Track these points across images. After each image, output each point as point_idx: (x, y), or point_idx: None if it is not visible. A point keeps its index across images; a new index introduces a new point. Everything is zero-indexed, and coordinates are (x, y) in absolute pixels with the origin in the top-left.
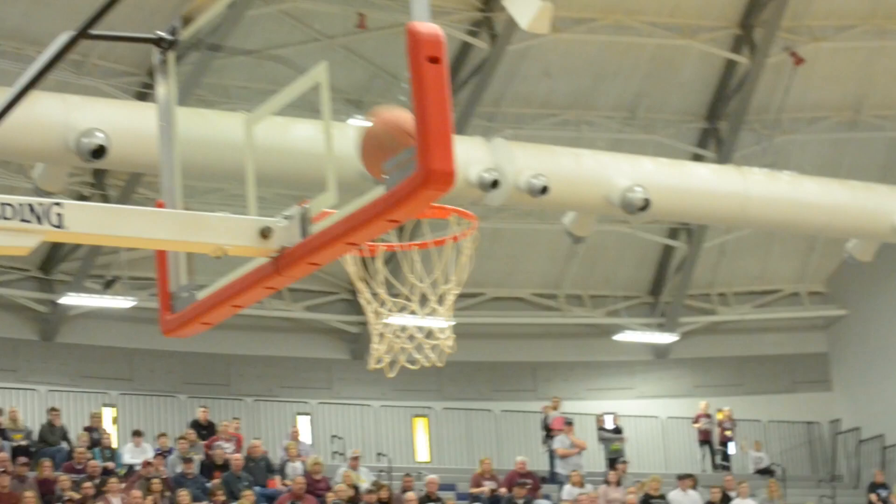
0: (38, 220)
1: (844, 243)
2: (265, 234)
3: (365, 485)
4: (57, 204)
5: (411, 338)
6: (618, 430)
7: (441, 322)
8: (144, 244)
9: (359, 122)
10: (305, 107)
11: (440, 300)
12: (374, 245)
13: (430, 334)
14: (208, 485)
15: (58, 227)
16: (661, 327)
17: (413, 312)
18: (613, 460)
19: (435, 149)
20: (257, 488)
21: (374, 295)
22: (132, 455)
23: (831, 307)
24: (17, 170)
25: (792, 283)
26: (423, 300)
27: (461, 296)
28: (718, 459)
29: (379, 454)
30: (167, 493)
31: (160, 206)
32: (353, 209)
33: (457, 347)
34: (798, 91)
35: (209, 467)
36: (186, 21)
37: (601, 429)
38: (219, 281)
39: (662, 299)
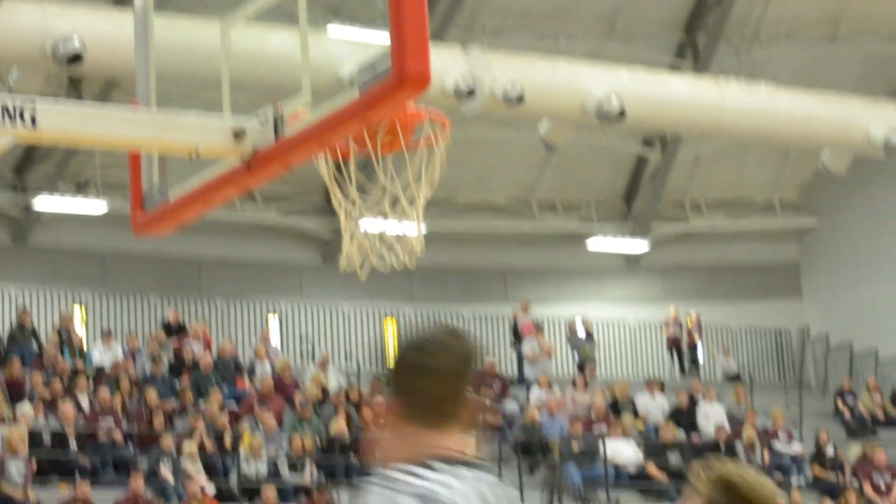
0: (12, 119)
1: (818, 154)
2: (238, 134)
3: (333, 386)
4: (31, 103)
5: (382, 239)
6: (589, 336)
7: (413, 226)
8: (118, 144)
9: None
10: (283, 14)
11: (411, 202)
12: (347, 147)
13: (401, 237)
14: (177, 385)
15: (32, 126)
16: (634, 235)
17: (384, 214)
18: (583, 366)
19: (410, 52)
20: (226, 388)
21: (346, 196)
22: (102, 355)
23: (803, 217)
24: None
25: (765, 193)
26: (395, 202)
27: (434, 201)
28: (687, 365)
29: (348, 356)
30: (135, 392)
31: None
32: (327, 111)
33: (428, 252)
34: (777, 5)
35: (178, 367)
36: None
37: (572, 333)
38: (191, 180)
39: (635, 207)
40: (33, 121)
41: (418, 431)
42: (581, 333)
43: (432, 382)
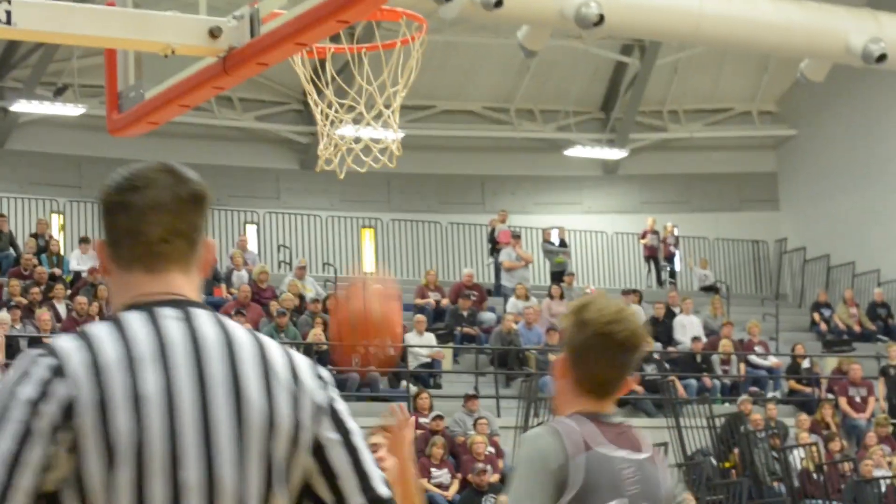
0: None
1: (797, 64)
2: (214, 33)
3: (310, 294)
4: (7, 1)
5: (358, 140)
6: (563, 244)
7: (390, 130)
8: (93, 42)
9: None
10: None
11: (387, 105)
12: (323, 47)
13: (377, 140)
14: None
15: (7, 24)
16: (612, 143)
17: (361, 116)
18: (557, 274)
19: None
20: (203, 296)
21: (322, 96)
22: (79, 262)
23: (782, 127)
24: None
25: (743, 102)
26: (371, 104)
27: (412, 108)
28: (664, 275)
29: (325, 264)
30: None
31: (111, 5)
32: (303, 9)
33: (406, 160)
34: None
35: None
36: None
37: (546, 242)
38: (167, 80)
39: (613, 115)
40: (9, 18)
41: (128, 275)
42: (556, 241)
43: (136, 220)
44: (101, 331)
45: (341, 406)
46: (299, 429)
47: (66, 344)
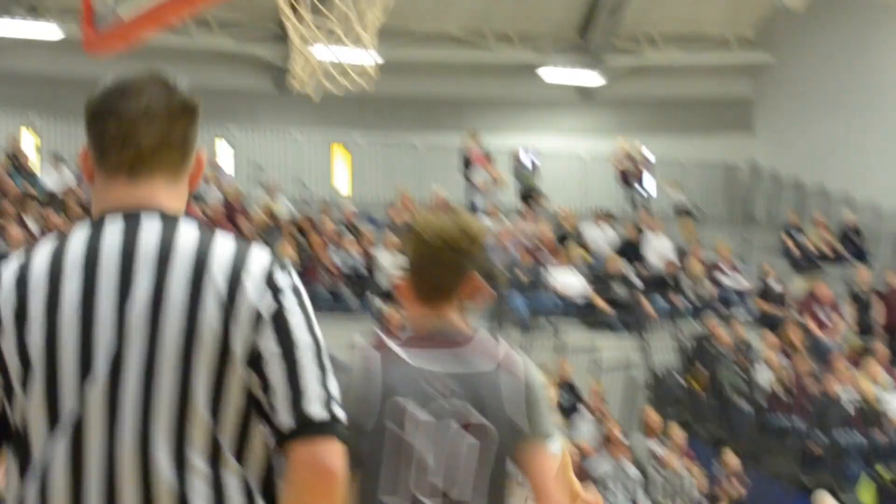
0: None
1: None
2: None
3: (283, 213)
4: None
5: (334, 62)
6: (534, 165)
7: (365, 52)
8: None
9: None
10: None
11: (364, 25)
12: None
13: (353, 64)
14: None
15: None
16: (588, 67)
17: (338, 39)
18: (527, 196)
19: None
20: None
21: (299, 17)
22: (53, 181)
23: (759, 53)
24: None
25: (721, 28)
26: (347, 26)
27: (389, 30)
28: (637, 198)
29: (298, 183)
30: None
31: None
32: None
33: (382, 80)
34: None
35: None
36: None
37: (517, 162)
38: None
39: (590, 39)
40: None
41: (111, 181)
42: (526, 162)
43: (127, 127)
44: (45, 245)
45: (295, 318)
46: (230, 339)
47: (11, 261)
